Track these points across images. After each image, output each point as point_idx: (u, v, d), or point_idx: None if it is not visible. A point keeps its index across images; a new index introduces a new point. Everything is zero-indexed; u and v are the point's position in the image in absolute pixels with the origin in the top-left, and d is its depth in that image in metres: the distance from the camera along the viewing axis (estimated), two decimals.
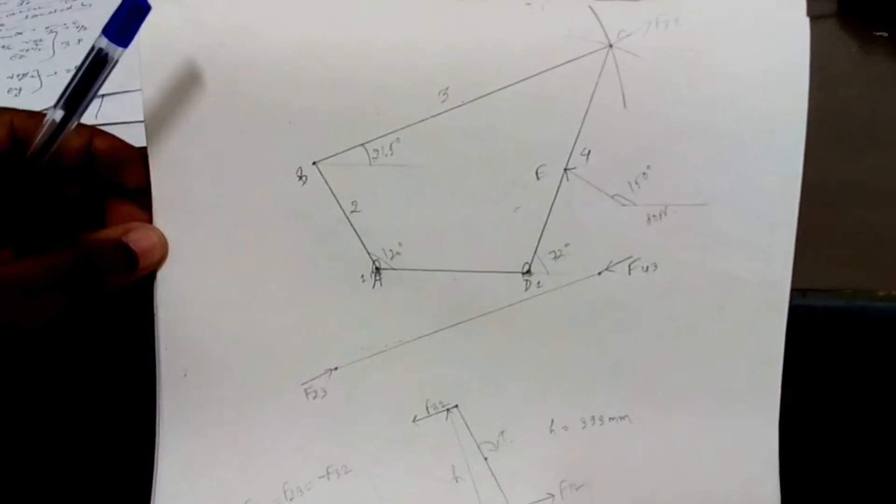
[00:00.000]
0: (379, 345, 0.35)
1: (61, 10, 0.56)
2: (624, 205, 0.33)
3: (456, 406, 0.35)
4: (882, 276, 0.36)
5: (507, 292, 0.34)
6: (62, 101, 0.30)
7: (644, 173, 0.32)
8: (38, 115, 0.31)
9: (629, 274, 0.33)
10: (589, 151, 0.33)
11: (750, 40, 0.31)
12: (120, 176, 0.34)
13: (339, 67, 0.33)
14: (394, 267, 0.34)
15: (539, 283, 0.34)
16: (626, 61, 0.32)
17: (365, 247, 0.34)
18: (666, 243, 0.33)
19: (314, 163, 0.33)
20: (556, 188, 0.33)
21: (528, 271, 0.34)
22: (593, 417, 0.35)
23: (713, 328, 0.33)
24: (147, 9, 0.30)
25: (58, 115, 0.30)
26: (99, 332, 0.38)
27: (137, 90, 0.33)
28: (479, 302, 0.34)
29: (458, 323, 0.34)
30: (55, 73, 0.50)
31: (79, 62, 0.30)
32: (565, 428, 0.35)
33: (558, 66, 0.32)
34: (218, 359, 0.35)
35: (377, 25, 0.33)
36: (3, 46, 0.53)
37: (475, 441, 0.35)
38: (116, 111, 0.44)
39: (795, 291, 0.33)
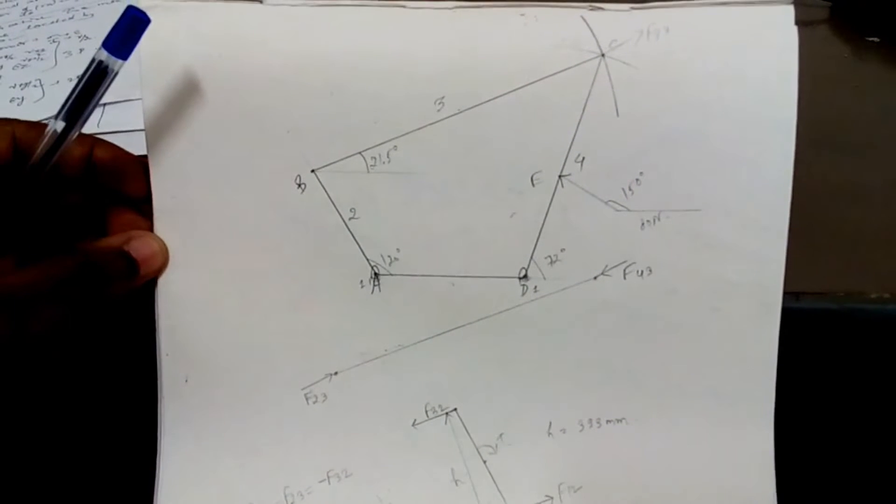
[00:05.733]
0: (378, 349, 0.35)
1: (63, 20, 0.56)
2: (618, 210, 0.33)
3: (455, 409, 0.35)
4: (874, 279, 0.36)
5: (505, 297, 0.34)
6: (63, 112, 0.30)
7: (637, 179, 0.33)
8: (40, 126, 0.31)
9: (624, 278, 0.34)
10: (583, 158, 0.33)
11: (739, 48, 0.32)
12: (121, 185, 0.34)
13: (337, 77, 0.33)
14: (392, 272, 0.34)
15: (536, 287, 0.34)
16: (618, 70, 0.32)
17: (363, 253, 0.34)
18: (660, 248, 0.33)
19: (313, 171, 0.34)
20: (551, 194, 0.33)
21: (525, 276, 0.34)
22: (591, 420, 0.35)
23: (708, 331, 0.34)
24: (146, 22, 0.30)
25: (59, 125, 0.30)
26: (101, 340, 0.38)
27: (139, 99, 0.34)
28: (477, 307, 0.34)
29: (457, 327, 0.35)
30: (57, 82, 0.50)
31: (80, 71, 0.30)
32: (563, 431, 0.35)
33: (552, 75, 0.32)
34: (219, 364, 0.35)
35: (374, 35, 0.33)
36: (6, 56, 0.53)
37: (474, 444, 0.35)
38: (118, 120, 0.44)
39: (788, 294, 0.33)
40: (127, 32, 0.30)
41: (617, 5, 0.32)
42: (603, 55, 0.32)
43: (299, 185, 0.34)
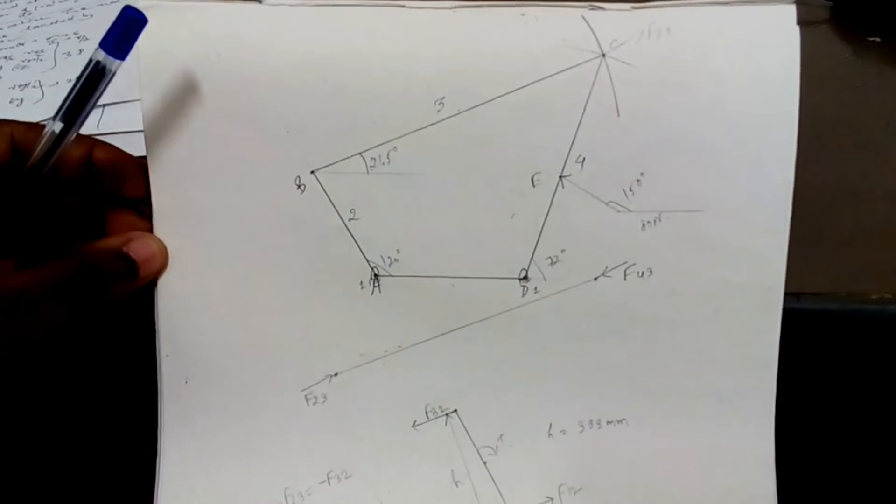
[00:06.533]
0: (378, 351, 0.35)
1: (62, 21, 0.56)
2: (619, 211, 0.33)
3: (455, 411, 0.35)
4: (875, 279, 0.36)
5: (505, 298, 0.34)
6: (61, 113, 0.30)
7: (638, 180, 0.33)
8: (38, 127, 0.31)
9: (625, 279, 0.34)
10: (584, 159, 0.33)
11: (741, 48, 0.32)
12: (120, 186, 0.34)
13: (337, 77, 0.33)
14: (392, 274, 0.34)
15: (536, 288, 0.34)
16: (619, 70, 0.32)
17: (363, 254, 0.34)
18: (661, 249, 0.33)
19: (312, 171, 0.34)
20: (551, 195, 0.33)
21: (525, 277, 0.34)
22: (591, 421, 0.35)
23: (708, 332, 0.34)
24: (143, 22, 0.30)
25: (57, 126, 0.30)
26: (100, 341, 0.38)
27: (138, 100, 0.34)
28: (477, 308, 0.34)
29: (457, 328, 0.35)
30: (56, 83, 0.50)
31: (80, 72, 0.30)
32: (563, 432, 0.35)
33: (552, 75, 0.32)
34: (218, 365, 0.35)
35: (374, 35, 0.33)
36: (5, 57, 0.53)
37: (474, 445, 0.35)
38: (117, 121, 0.44)
39: (789, 295, 0.33)
40: (124, 32, 0.30)
41: (618, 5, 0.32)
42: (604, 55, 0.32)
43: (299, 186, 0.34)
